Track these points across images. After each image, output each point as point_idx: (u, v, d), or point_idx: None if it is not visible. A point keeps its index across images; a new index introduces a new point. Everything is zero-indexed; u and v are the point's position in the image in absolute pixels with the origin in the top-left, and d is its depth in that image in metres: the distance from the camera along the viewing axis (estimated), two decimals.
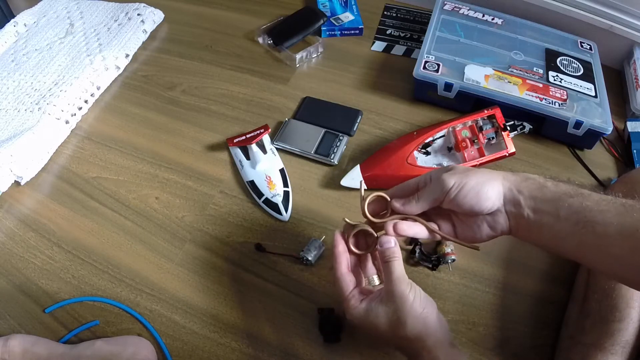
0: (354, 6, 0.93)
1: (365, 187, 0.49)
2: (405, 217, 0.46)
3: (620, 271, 0.37)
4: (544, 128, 0.70)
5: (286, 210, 0.64)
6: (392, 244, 0.44)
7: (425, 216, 0.47)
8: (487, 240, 0.45)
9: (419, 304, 0.41)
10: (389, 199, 0.47)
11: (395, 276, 0.42)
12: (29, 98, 0.76)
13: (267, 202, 0.64)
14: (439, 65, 0.73)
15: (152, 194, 0.68)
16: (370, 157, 0.67)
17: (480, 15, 0.83)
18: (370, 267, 0.48)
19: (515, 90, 0.69)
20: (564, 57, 0.76)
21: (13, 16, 0.96)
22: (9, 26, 0.90)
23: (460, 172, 0.43)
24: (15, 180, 0.69)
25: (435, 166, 0.66)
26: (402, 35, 0.89)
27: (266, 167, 0.67)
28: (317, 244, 0.59)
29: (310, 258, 0.58)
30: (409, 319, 0.41)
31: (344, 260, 0.46)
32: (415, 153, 0.66)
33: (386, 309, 0.42)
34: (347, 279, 0.45)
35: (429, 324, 0.41)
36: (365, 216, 0.47)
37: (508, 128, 0.67)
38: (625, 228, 0.36)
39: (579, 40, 0.79)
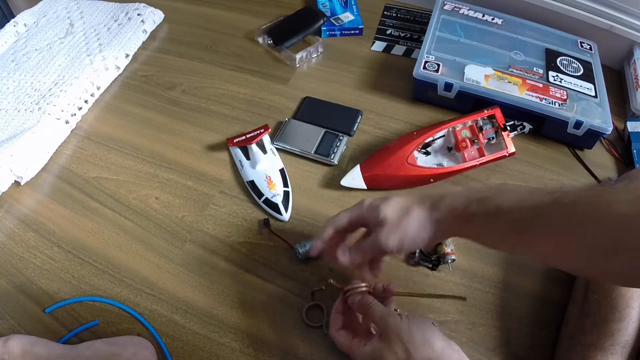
0: (354, 6, 0.93)
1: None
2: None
3: (566, 265, 0.40)
4: (544, 128, 0.70)
5: (286, 210, 0.64)
6: (359, 296, 0.48)
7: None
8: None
9: (418, 329, 0.42)
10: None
11: (379, 316, 0.44)
12: (29, 98, 0.76)
13: (267, 202, 0.64)
14: (439, 65, 0.73)
15: (152, 194, 0.68)
16: (370, 157, 0.67)
17: (480, 15, 0.83)
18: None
19: (515, 90, 0.69)
20: (564, 57, 0.76)
21: (13, 16, 0.96)
22: (9, 26, 0.90)
23: (394, 229, 0.45)
24: (15, 180, 0.69)
25: (435, 166, 0.66)
26: (402, 35, 0.89)
27: (266, 167, 0.67)
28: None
29: (300, 251, 0.58)
30: (411, 348, 0.41)
31: (336, 322, 0.49)
32: (415, 153, 0.66)
33: (383, 345, 0.43)
34: (342, 336, 0.48)
35: (434, 345, 0.41)
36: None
37: (508, 128, 0.67)
38: (543, 220, 0.37)
39: (579, 40, 0.79)
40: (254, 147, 0.67)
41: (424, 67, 0.73)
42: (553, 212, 0.36)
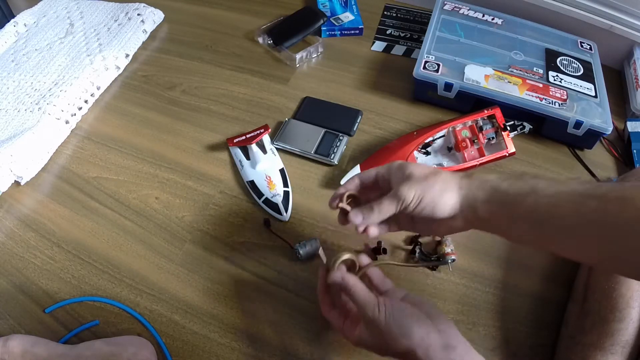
0: (354, 6, 0.93)
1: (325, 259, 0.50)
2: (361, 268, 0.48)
3: (582, 257, 0.39)
4: (544, 128, 0.70)
5: (286, 210, 0.64)
6: (339, 279, 0.45)
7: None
8: (446, 234, 0.48)
9: (394, 322, 0.41)
10: (356, 262, 0.49)
11: (361, 303, 0.43)
12: (29, 98, 0.76)
13: (267, 202, 0.64)
14: (439, 65, 0.73)
15: (152, 194, 0.68)
16: (370, 157, 0.67)
17: (480, 15, 0.83)
18: None
19: (515, 90, 0.69)
20: (564, 57, 0.76)
21: (13, 16, 0.96)
22: (9, 26, 0.90)
23: (417, 183, 0.43)
24: (15, 180, 0.69)
25: (436, 166, 0.66)
26: (402, 35, 0.89)
27: (266, 167, 0.67)
28: (316, 244, 0.59)
29: (301, 252, 0.58)
30: (389, 340, 0.41)
31: (325, 301, 0.48)
32: (415, 153, 0.66)
33: (368, 334, 0.43)
34: (334, 317, 0.47)
35: (412, 336, 0.40)
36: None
37: (508, 128, 0.67)
38: (581, 220, 0.36)
39: (579, 40, 0.79)
40: (254, 147, 0.67)
41: (424, 67, 0.73)
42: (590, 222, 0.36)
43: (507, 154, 0.65)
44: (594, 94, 0.70)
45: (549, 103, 0.68)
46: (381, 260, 0.55)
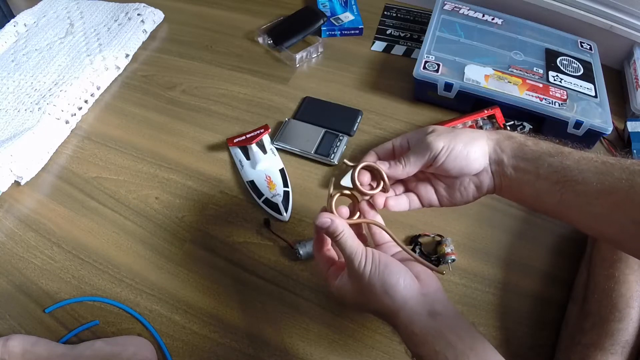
0: (354, 6, 0.93)
1: (332, 191, 0.45)
2: (372, 222, 0.44)
3: (601, 229, 0.38)
4: (544, 128, 0.70)
5: (286, 211, 0.64)
6: (329, 222, 0.41)
7: (404, 185, 0.47)
8: (473, 200, 0.45)
9: (378, 278, 0.39)
10: (359, 200, 0.45)
11: (347, 253, 0.40)
12: (29, 98, 0.76)
13: (267, 202, 0.64)
14: (439, 65, 0.73)
15: (152, 194, 0.68)
16: None
17: (480, 15, 0.83)
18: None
19: (515, 90, 0.69)
20: (564, 57, 0.76)
21: (13, 16, 0.96)
22: (9, 26, 0.90)
23: (445, 134, 0.42)
24: (15, 180, 0.69)
25: None
26: (402, 35, 0.89)
27: (266, 167, 0.67)
28: None
29: (301, 252, 0.58)
30: (370, 296, 0.39)
31: (320, 241, 0.45)
32: None
33: (350, 286, 0.41)
34: (323, 259, 0.44)
35: (395, 297, 0.38)
36: (332, 212, 0.44)
37: (508, 128, 0.67)
38: (605, 187, 0.36)
39: (579, 40, 0.80)
40: (254, 147, 0.67)
41: (424, 67, 0.73)
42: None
43: None
44: (594, 94, 0.70)
45: (549, 103, 0.68)
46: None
